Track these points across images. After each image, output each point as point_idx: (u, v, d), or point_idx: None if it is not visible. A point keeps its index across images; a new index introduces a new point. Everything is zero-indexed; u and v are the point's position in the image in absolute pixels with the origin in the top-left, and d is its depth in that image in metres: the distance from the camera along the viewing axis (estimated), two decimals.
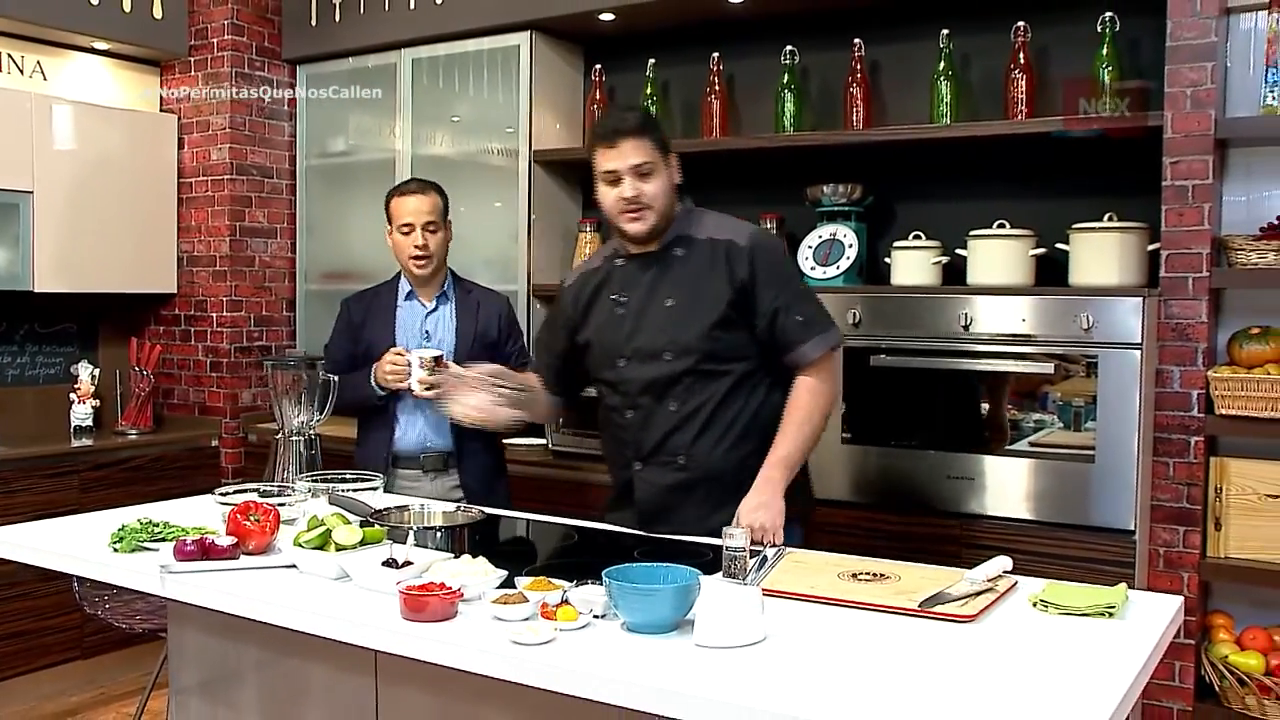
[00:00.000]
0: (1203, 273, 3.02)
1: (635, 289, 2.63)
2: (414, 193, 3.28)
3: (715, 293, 2.54)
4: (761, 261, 2.56)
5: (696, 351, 2.54)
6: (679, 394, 2.56)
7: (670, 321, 2.57)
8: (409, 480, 3.24)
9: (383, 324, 3.29)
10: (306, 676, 2.35)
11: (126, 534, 2.34)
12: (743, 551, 2.01)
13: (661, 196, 2.55)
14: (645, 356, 2.59)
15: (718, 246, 2.58)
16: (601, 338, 2.68)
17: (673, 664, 1.69)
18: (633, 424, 2.61)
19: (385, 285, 3.42)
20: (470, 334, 3.29)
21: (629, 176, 2.52)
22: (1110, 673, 1.66)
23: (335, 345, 3.37)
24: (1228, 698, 3.00)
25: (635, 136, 2.52)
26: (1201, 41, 2.99)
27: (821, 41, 3.96)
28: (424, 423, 3.24)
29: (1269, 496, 3.01)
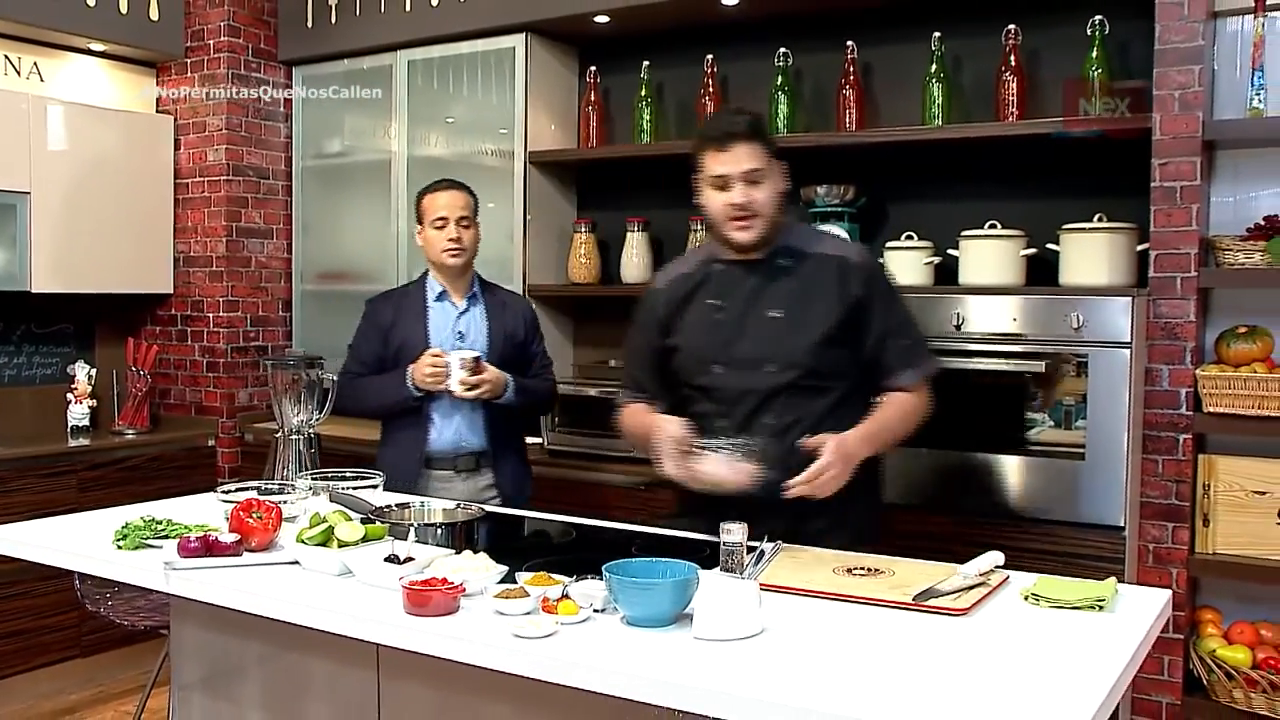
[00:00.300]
0: (1191, 273, 3.06)
1: (735, 296, 2.55)
2: (446, 188, 3.28)
3: (825, 309, 2.48)
4: (877, 283, 2.53)
5: (800, 366, 2.47)
6: (777, 408, 2.48)
7: (775, 333, 2.50)
8: (442, 481, 3.22)
9: (414, 325, 3.26)
10: (308, 672, 2.38)
11: (130, 531, 2.37)
12: (740, 546, 2.05)
13: (770, 204, 2.48)
14: (744, 366, 2.51)
15: (828, 263, 2.52)
16: (695, 342, 2.59)
17: (672, 656, 1.72)
18: (725, 433, 2.48)
19: (412, 286, 3.40)
20: (501, 335, 3.30)
21: (739, 182, 2.44)
22: (1099, 664, 1.70)
23: (362, 347, 3.33)
24: (1215, 691, 3.05)
25: (748, 141, 2.44)
26: (1189, 45, 3.03)
27: (814, 43, 3.99)
28: (461, 423, 3.23)
29: (1256, 493, 3.05)
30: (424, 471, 3.21)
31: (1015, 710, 1.51)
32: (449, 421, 3.22)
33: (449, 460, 3.22)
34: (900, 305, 2.58)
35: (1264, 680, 2.94)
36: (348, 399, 3.21)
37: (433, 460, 3.22)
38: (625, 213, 4.34)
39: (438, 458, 3.22)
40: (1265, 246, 3.01)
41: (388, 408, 3.23)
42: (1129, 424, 3.09)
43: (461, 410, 3.20)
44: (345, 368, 3.30)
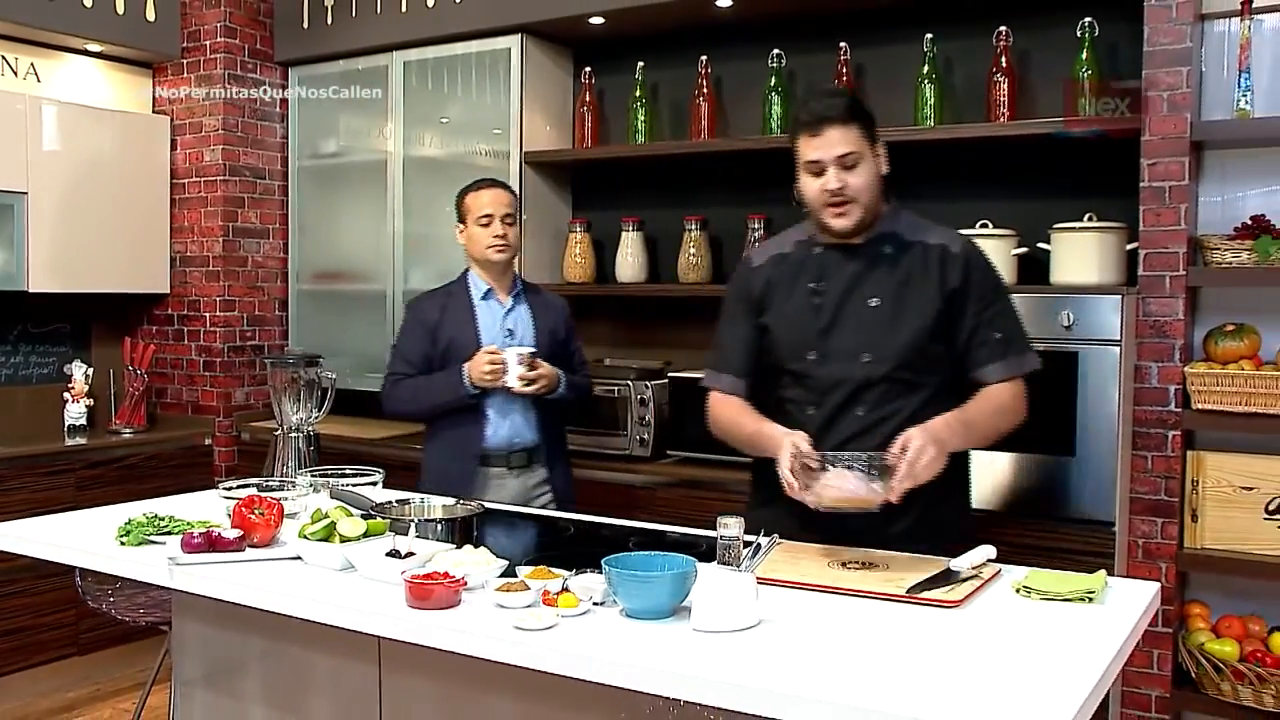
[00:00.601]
0: (1179, 271, 3.10)
1: (835, 281, 2.47)
2: (489, 187, 3.32)
3: (926, 300, 2.41)
4: (976, 272, 2.44)
5: (897, 359, 2.40)
6: (870, 400, 2.42)
7: (874, 322, 2.43)
8: (496, 478, 3.23)
9: (463, 323, 3.28)
10: (310, 666, 2.41)
11: (133, 528, 2.40)
12: (736, 540, 2.08)
13: (867, 190, 2.40)
14: (840, 355, 2.44)
15: (930, 252, 2.45)
16: (789, 326, 2.50)
17: (671, 647, 1.75)
18: (813, 421, 2.43)
19: (455, 285, 3.40)
20: (546, 332, 3.34)
21: (833, 167, 2.37)
22: (1089, 655, 1.74)
23: (408, 346, 3.31)
24: (1204, 684, 3.09)
25: (842, 124, 2.37)
26: (1177, 47, 3.07)
27: (808, 45, 4.03)
28: (517, 419, 3.25)
29: (1243, 488, 3.09)
30: (478, 469, 3.21)
31: (1006, 699, 1.55)
32: (505, 418, 3.24)
33: (503, 457, 3.23)
34: (997, 297, 2.47)
35: (1251, 673, 2.98)
36: (398, 401, 3.24)
37: (488, 457, 3.23)
38: (620, 212, 4.37)
39: (493, 455, 3.23)
40: (1252, 246, 3.05)
41: (443, 406, 3.22)
42: (1119, 421, 3.13)
43: (516, 407, 3.23)
44: (392, 369, 3.30)
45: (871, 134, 2.43)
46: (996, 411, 2.41)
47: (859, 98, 2.48)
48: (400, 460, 4.16)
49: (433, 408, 3.23)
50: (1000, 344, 2.42)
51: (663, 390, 3.98)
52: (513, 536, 2.68)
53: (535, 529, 2.83)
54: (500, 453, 3.23)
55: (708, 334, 4.23)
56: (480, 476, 3.21)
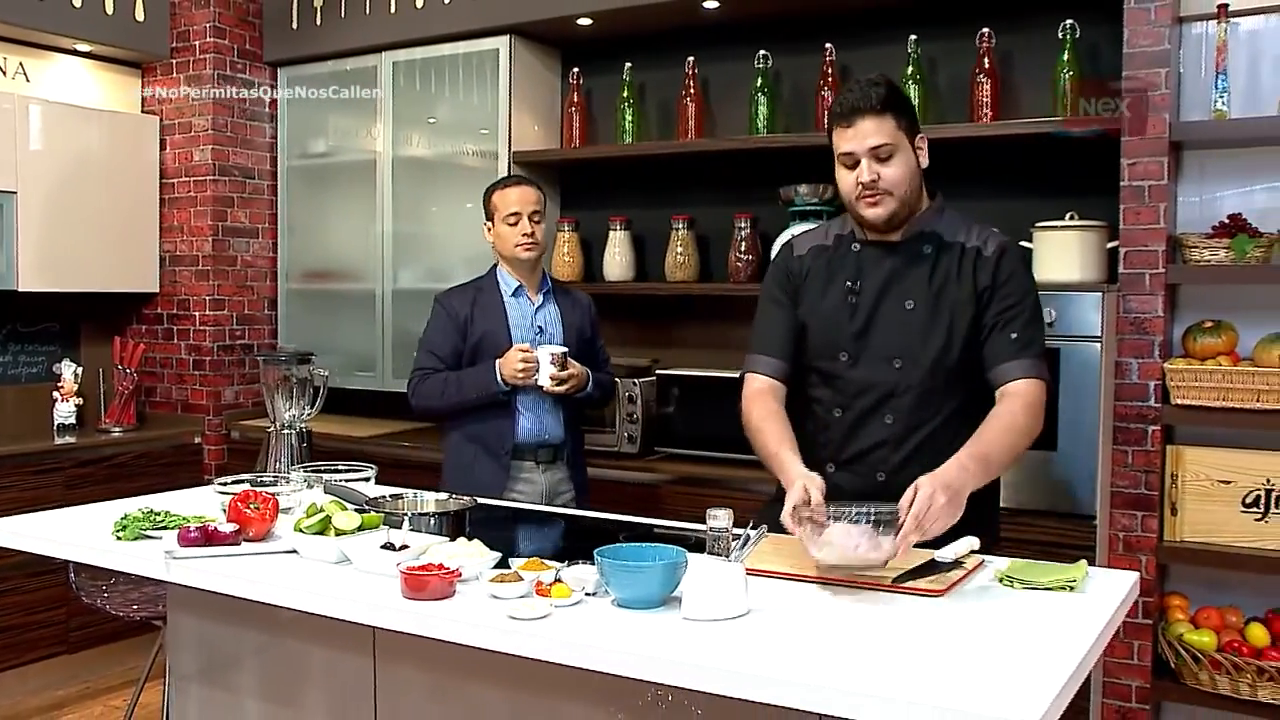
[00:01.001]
0: (1159, 269, 3.15)
1: (871, 280, 2.43)
2: (516, 184, 3.31)
3: (960, 305, 2.37)
4: (1004, 271, 2.38)
5: (930, 366, 2.37)
6: (899, 406, 2.38)
7: (908, 326, 2.38)
8: (524, 473, 3.24)
9: (494, 319, 3.26)
10: (305, 659, 2.44)
11: (129, 522, 2.42)
12: (725, 532, 2.12)
13: (903, 182, 2.35)
14: (872, 358, 2.40)
15: (967, 254, 2.40)
16: (824, 323, 2.46)
17: (662, 636, 1.79)
18: (839, 424, 2.42)
19: (484, 280, 3.38)
20: (574, 330, 3.34)
21: (866, 159, 2.33)
22: (1069, 641, 1.78)
23: (437, 341, 3.29)
24: (1183, 674, 3.14)
25: (875, 115, 2.32)
26: (1156, 49, 3.13)
27: (793, 46, 4.08)
28: (546, 417, 3.25)
29: (1221, 482, 3.14)
30: (507, 464, 3.21)
31: (988, 683, 1.59)
32: (535, 415, 3.24)
33: (531, 452, 3.24)
34: (1026, 298, 2.39)
35: (1228, 662, 3.04)
36: (426, 396, 3.21)
37: (518, 451, 3.23)
38: (607, 212, 4.41)
39: (523, 450, 3.24)
40: (1229, 244, 3.11)
41: (473, 402, 3.20)
42: (1100, 416, 3.18)
43: (546, 404, 3.24)
44: (420, 364, 3.28)
45: (909, 125, 2.37)
46: (1009, 430, 2.29)
47: (897, 88, 2.41)
48: (389, 458, 4.21)
49: (462, 402, 3.20)
50: (1016, 343, 2.35)
51: (650, 388, 4.03)
52: (504, 530, 2.71)
53: (526, 523, 2.86)
54: (529, 448, 3.23)
55: (695, 332, 4.33)
56: (510, 471, 3.21)
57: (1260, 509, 3.10)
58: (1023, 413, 2.31)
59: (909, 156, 2.37)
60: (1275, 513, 3.08)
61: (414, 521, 2.38)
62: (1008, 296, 2.37)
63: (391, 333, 4.76)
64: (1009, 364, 2.34)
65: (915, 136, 2.39)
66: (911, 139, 2.38)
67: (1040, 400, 2.36)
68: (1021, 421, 2.30)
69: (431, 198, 4.74)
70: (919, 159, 2.40)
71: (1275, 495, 3.08)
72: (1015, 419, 2.30)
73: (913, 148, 2.38)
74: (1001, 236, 2.45)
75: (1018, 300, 2.38)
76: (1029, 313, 2.38)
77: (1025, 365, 2.34)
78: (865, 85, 2.36)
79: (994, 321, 2.37)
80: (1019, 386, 2.33)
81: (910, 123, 2.38)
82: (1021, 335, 2.35)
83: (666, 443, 4.00)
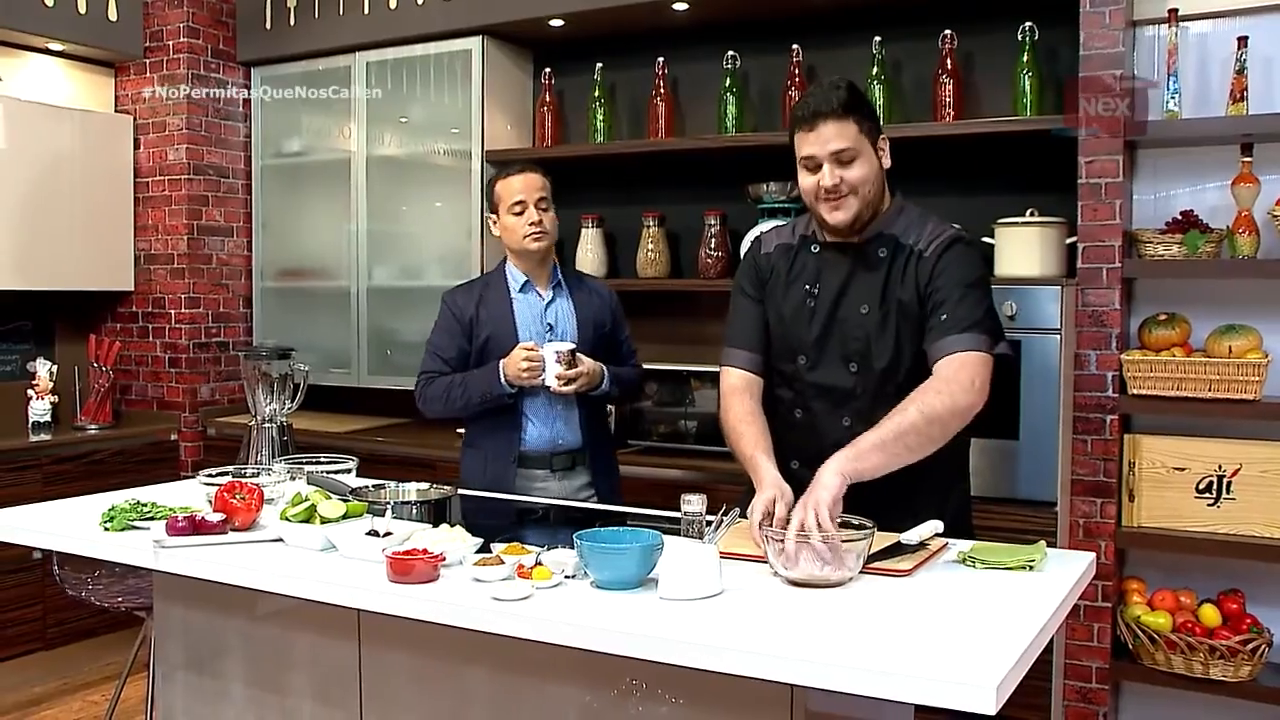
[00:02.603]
0: (1115, 264, 3.25)
1: (830, 282, 2.44)
2: (520, 171, 3.12)
3: (906, 308, 2.38)
4: (940, 266, 2.37)
5: (885, 370, 2.38)
6: (856, 409, 2.40)
7: (863, 331, 2.40)
8: (537, 480, 3.09)
9: (500, 317, 3.11)
10: (291, 645, 2.50)
11: (117, 514, 2.47)
12: (699, 516, 2.20)
13: (866, 184, 2.35)
14: (829, 362, 2.42)
15: (912, 257, 2.39)
16: (784, 326, 2.49)
17: (639, 614, 1.87)
18: (800, 425, 2.45)
19: (491, 277, 3.22)
20: (590, 324, 3.16)
21: (829, 163, 2.33)
22: (1027, 615, 1.87)
23: (442, 342, 3.14)
24: (1140, 655, 3.25)
25: (837, 119, 2.32)
26: (1111, 51, 3.23)
27: (761, 47, 4.16)
28: (558, 420, 3.10)
29: (1176, 469, 3.25)
30: (517, 471, 3.08)
31: (951, 654, 1.67)
32: (545, 418, 3.10)
33: (544, 459, 3.09)
34: (950, 281, 2.35)
35: (1182, 642, 3.15)
36: (432, 400, 3.10)
37: (527, 459, 3.09)
38: (580, 210, 4.47)
39: (533, 456, 3.09)
40: (1182, 239, 3.22)
41: (478, 405, 3.06)
42: (1060, 406, 3.28)
43: (557, 406, 3.09)
44: (425, 367, 3.15)
45: (872, 127, 2.38)
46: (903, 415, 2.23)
47: (858, 90, 2.40)
48: (365, 453, 4.23)
49: (467, 406, 3.07)
50: (946, 324, 2.32)
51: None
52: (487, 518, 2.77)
53: (506, 511, 2.92)
54: (541, 454, 3.09)
55: (666, 327, 4.41)
56: (521, 478, 3.08)
57: (1213, 494, 3.21)
58: (925, 394, 2.26)
59: (871, 159, 2.38)
60: (1227, 498, 3.19)
61: (397, 510, 2.44)
62: (939, 289, 2.36)
63: (366, 330, 4.81)
64: (935, 345, 2.33)
65: (878, 138, 2.41)
66: (874, 141, 2.39)
67: (964, 371, 2.28)
68: (929, 406, 2.23)
69: (405, 197, 4.79)
70: (881, 160, 2.41)
71: (1226, 481, 3.19)
72: (909, 403, 2.25)
73: (875, 150, 2.40)
74: (951, 233, 2.43)
75: (946, 285, 2.35)
76: (958, 294, 2.34)
77: (950, 342, 2.30)
78: (827, 88, 2.36)
79: (929, 312, 2.37)
80: (940, 364, 2.30)
81: (872, 125, 2.39)
82: (950, 315, 2.32)
83: (638, 436, 4.08)
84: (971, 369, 2.30)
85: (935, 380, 2.30)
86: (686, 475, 3.75)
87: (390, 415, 4.95)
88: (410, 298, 4.74)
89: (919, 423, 2.23)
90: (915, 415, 2.23)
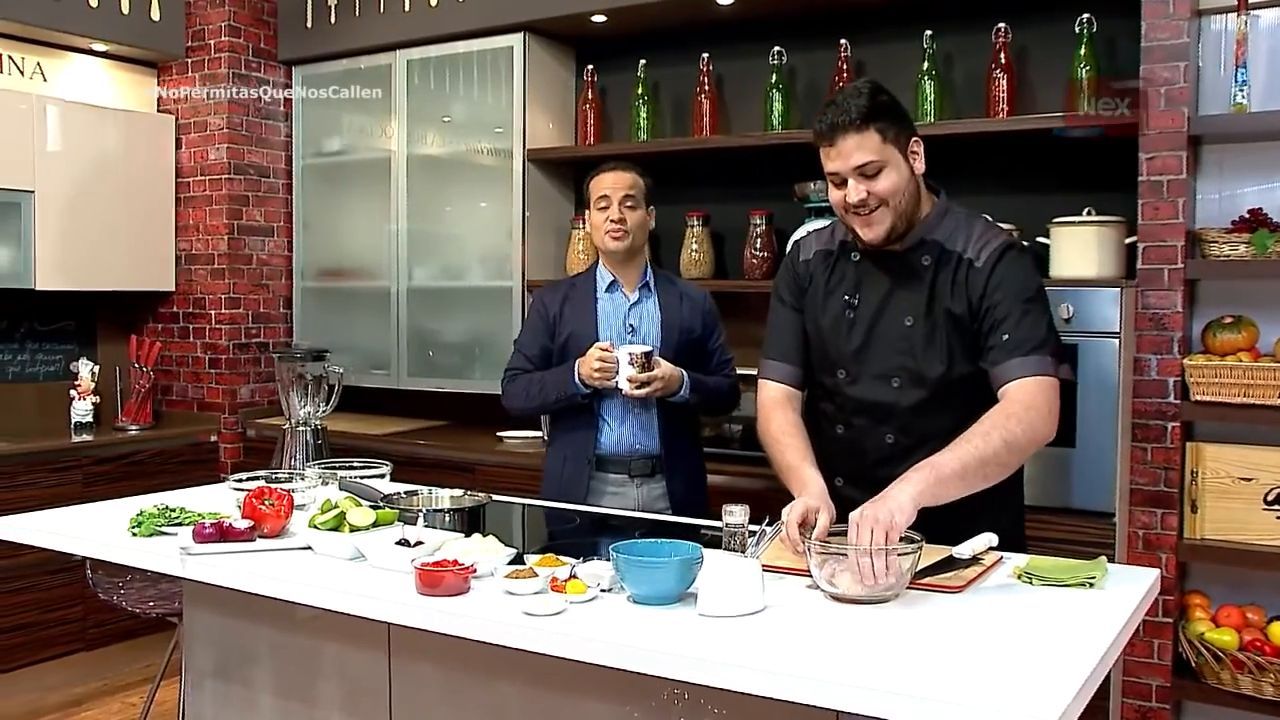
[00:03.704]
0: (1178, 264, 3.12)
1: (871, 293, 2.34)
2: (612, 169, 3.06)
3: (957, 321, 2.26)
4: (995, 278, 2.25)
5: (931, 385, 2.27)
6: (899, 425, 2.31)
7: (907, 345, 2.29)
8: (614, 486, 3.01)
9: (583, 316, 3.05)
10: (320, 655, 2.44)
11: (145, 519, 2.42)
12: (742, 528, 2.11)
13: (895, 194, 2.24)
14: (870, 376, 2.32)
15: (961, 266, 2.27)
16: (823, 338, 2.39)
17: (678, 632, 1.78)
18: (842, 440, 2.36)
19: (581, 276, 3.19)
20: (675, 328, 3.06)
21: (853, 178, 2.23)
22: (1089, 638, 1.76)
23: (526, 340, 3.12)
24: (1204, 673, 3.11)
25: (857, 131, 2.20)
26: (1175, 42, 3.10)
27: (809, 42, 4.06)
28: (634, 424, 3.01)
29: (1242, 479, 3.11)
30: (595, 474, 3.01)
31: (1007, 680, 1.57)
32: (622, 422, 3.01)
33: (623, 464, 3.00)
34: (1009, 296, 2.24)
35: (1250, 661, 3.01)
36: (514, 396, 3.07)
37: (604, 463, 3.01)
38: None
39: (611, 460, 3.01)
40: (1249, 239, 3.08)
41: (554, 404, 3.03)
42: (1118, 412, 3.16)
43: (633, 410, 2.99)
44: (510, 364, 3.13)
45: (896, 132, 2.24)
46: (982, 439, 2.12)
47: (882, 93, 2.26)
48: (404, 456, 4.22)
49: (543, 405, 3.05)
50: (1009, 344, 2.22)
51: None
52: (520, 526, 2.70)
53: (541, 519, 2.85)
54: (620, 459, 3.00)
55: None
56: (598, 483, 3.01)
57: None
58: (1007, 420, 2.15)
59: (900, 167, 2.25)
60: None
61: (429, 518, 2.38)
62: (998, 303, 2.25)
63: (406, 331, 4.77)
64: (1002, 366, 2.23)
65: (908, 142, 2.27)
66: (903, 146, 2.26)
67: (1040, 397, 2.20)
68: (1008, 431, 2.14)
69: (446, 196, 4.74)
70: (913, 165, 2.28)
71: None
72: (997, 432, 2.13)
73: (905, 155, 2.26)
74: (1004, 240, 2.31)
75: (1005, 300, 2.24)
76: (1019, 311, 2.23)
77: (1018, 365, 2.21)
78: (845, 99, 2.24)
79: (987, 329, 2.26)
80: (1011, 389, 2.21)
81: (899, 129, 2.25)
82: (1014, 335, 2.22)
83: None
84: (1047, 396, 2.21)
85: (1013, 405, 2.19)
86: (733, 482, 3.65)
87: (430, 418, 4.90)
88: (451, 298, 4.69)
89: (1001, 452, 2.13)
90: (999, 444, 2.12)
